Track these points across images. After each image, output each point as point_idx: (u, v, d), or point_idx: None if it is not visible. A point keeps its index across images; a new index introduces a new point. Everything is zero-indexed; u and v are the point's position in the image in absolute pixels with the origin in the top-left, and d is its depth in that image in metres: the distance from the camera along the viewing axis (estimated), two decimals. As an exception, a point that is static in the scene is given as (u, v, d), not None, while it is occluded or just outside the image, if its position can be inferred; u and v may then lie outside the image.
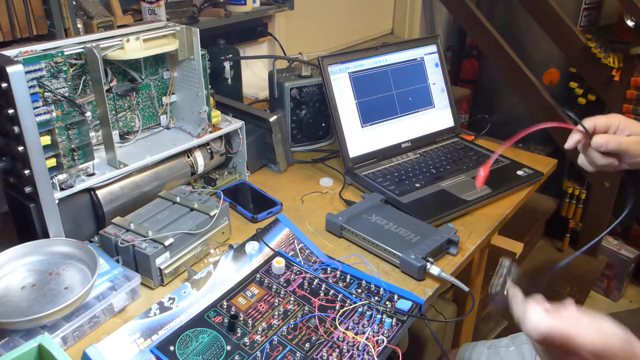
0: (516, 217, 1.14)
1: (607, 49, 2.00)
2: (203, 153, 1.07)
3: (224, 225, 0.95)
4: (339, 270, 0.87)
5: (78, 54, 0.88)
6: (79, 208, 0.89)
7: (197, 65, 1.01)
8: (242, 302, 0.79)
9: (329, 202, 1.10)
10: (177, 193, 0.96)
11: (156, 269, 0.83)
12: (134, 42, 0.92)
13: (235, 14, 1.46)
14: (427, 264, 0.86)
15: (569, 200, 2.33)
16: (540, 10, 2.05)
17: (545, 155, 1.30)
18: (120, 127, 1.02)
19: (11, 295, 0.76)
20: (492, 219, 1.04)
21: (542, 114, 2.17)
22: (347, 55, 1.20)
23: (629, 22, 1.86)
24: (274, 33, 1.75)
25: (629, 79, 1.91)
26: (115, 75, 0.99)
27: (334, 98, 1.16)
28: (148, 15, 1.24)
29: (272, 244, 0.92)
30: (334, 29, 2.18)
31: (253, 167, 1.20)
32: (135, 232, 0.86)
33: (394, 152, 1.23)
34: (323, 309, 0.79)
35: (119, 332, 0.72)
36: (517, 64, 2.15)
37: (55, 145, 0.84)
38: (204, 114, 1.03)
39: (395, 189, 1.09)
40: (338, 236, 0.98)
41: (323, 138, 1.34)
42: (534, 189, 1.18)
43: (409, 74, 1.28)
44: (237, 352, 0.71)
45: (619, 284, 2.29)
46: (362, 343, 0.73)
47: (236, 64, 1.40)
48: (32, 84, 0.80)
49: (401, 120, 1.26)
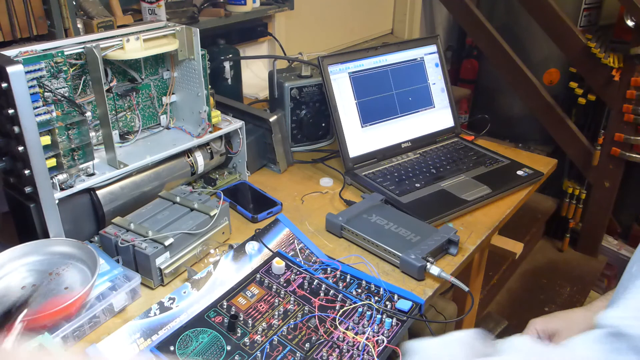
0: (516, 217, 1.14)
1: (607, 49, 2.01)
2: (203, 153, 1.07)
3: (224, 225, 0.95)
4: (339, 270, 0.87)
5: (78, 54, 0.88)
6: (79, 208, 0.89)
7: (197, 65, 1.01)
8: (242, 302, 0.79)
9: (329, 202, 1.10)
10: (177, 193, 0.96)
11: (156, 269, 0.83)
12: (134, 42, 0.92)
13: (235, 14, 1.46)
14: (427, 264, 0.86)
15: (569, 200, 2.33)
16: (540, 10, 2.06)
17: (545, 155, 1.30)
18: (120, 127, 1.02)
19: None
20: (492, 219, 1.04)
21: (542, 114, 2.18)
22: (347, 55, 1.20)
23: (629, 22, 1.86)
24: (274, 33, 1.75)
25: (629, 79, 1.91)
26: (115, 75, 0.99)
27: (334, 98, 1.16)
28: (148, 15, 1.24)
29: (272, 244, 0.92)
30: (334, 29, 2.18)
31: (253, 167, 1.20)
32: (135, 232, 0.86)
33: (394, 152, 1.23)
34: (323, 309, 0.79)
35: (119, 332, 0.72)
36: (517, 64, 2.15)
37: (55, 145, 0.84)
38: (204, 114, 1.03)
39: (395, 189, 1.09)
40: (338, 236, 0.98)
41: (323, 138, 1.34)
42: (534, 189, 1.18)
43: (409, 74, 1.28)
44: (237, 352, 0.71)
45: (619, 284, 2.28)
46: (362, 343, 0.73)
47: (236, 64, 1.40)
48: (32, 84, 0.80)
49: (401, 120, 1.26)
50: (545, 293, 2.17)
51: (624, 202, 2.29)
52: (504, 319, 1.96)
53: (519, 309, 2.06)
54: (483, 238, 0.98)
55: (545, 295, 2.16)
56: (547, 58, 2.37)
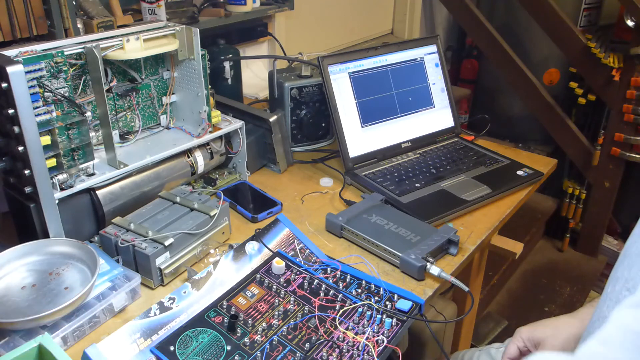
0: (516, 217, 1.14)
1: (607, 49, 2.00)
2: (203, 153, 1.07)
3: (224, 225, 0.95)
4: (339, 270, 0.87)
5: (78, 54, 0.88)
6: (79, 208, 0.89)
7: (197, 65, 1.01)
8: (242, 302, 0.79)
9: (329, 202, 1.10)
10: (177, 193, 0.96)
11: (156, 269, 0.83)
12: (134, 42, 0.92)
13: (235, 14, 1.46)
14: (427, 264, 0.86)
15: (569, 200, 2.33)
16: (540, 10, 2.06)
17: (545, 155, 1.30)
18: (120, 127, 1.02)
19: (11, 295, 0.76)
20: (492, 219, 1.04)
21: (542, 114, 2.17)
22: (347, 55, 1.20)
23: (629, 22, 1.86)
24: (274, 33, 1.75)
25: (629, 79, 1.91)
26: (115, 75, 0.99)
27: (334, 98, 1.16)
28: (148, 15, 1.24)
29: (272, 244, 0.92)
30: (334, 29, 2.18)
31: (253, 167, 1.20)
32: (135, 232, 0.86)
33: (394, 152, 1.23)
34: (323, 309, 0.79)
35: (119, 332, 0.72)
36: (517, 64, 2.15)
37: (55, 145, 0.84)
38: (204, 114, 1.03)
39: (395, 189, 1.09)
40: (338, 236, 0.98)
41: (323, 138, 1.34)
42: (534, 189, 1.18)
43: (409, 74, 1.28)
44: (237, 352, 0.71)
45: (619, 284, 2.28)
46: (362, 343, 0.73)
47: (236, 64, 1.40)
48: (32, 84, 0.80)
49: (401, 120, 1.26)
50: (545, 293, 2.17)
51: (624, 202, 2.29)
52: (504, 319, 1.96)
53: (519, 309, 2.05)
54: (483, 238, 0.98)
55: (545, 295, 2.16)
56: (547, 58, 2.37)
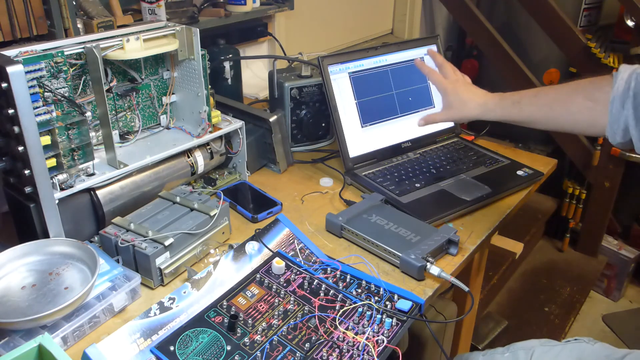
0: (516, 217, 1.14)
1: (607, 49, 2.00)
2: (203, 153, 1.07)
3: (224, 225, 0.95)
4: (339, 270, 0.87)
5: (78, 54, 0.88)
6: (79, 208, 0.89)
7: (197, 65, 1.01)
8: (242, 302, 0.79)
9: (329, 202, 1.10)
10: (177, 193, 0.96)
11: (156, 269, 0.83)
12: (134, 42, 0.92)
13: (235, 14, 1.46)
14: (427, 264, 0.86)
15: (569, 200, 2.33)
16: (540, 10, 2.06)
17: (545, 155, 1.30)
18: (120, 127, 1.02)
19: (11, 295, 0.76)
20: (492, 219, 1.04)
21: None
22: (347, 55, 1.20)
23: (629, 22, 1.86)
24: (274, 33, 1.75)
25: (629, 79, 1.91)
26: (115, 75, 0.99)
27: (334, 98, 1.16)
28: (148, 15, 1.24)
29: (272, 244, 0.92)
30: (334, 29, 2.18)
31: (253, 167, 1.20)
32: (135, 232, 0.86)
33: (394, 152, 1.23)
34: (323, 309, 0.79)
35: (119, 332, 0.72)
36: (517, 64, 2.15)
37: (55, 145, 0.84)
38: (204, 114, 1.03)
39: (395, 189, 1.09)
40: (338, 236, 0.98)
41: (323, 138, 1.34)
42: (534, 189, 1.18)
43: (409, 74, 1.28)
44: (237, 352, 0.71)
45: (619, 284, 2.29)
46: (362, 343, 0.73)
47: (236, 64, 1.40)
48: (32, 84, 0.80)
49: (401, 120, 1.26)
50: (545, 293, 2.17)
51: (624, 202, 2.29)
52: (504, 319, 1.96)
53: (519, 309, 2.05)
54: (483, 238, 0.98)
55: (545, 295, 2.16)
56: (547, 58, 2.37)
